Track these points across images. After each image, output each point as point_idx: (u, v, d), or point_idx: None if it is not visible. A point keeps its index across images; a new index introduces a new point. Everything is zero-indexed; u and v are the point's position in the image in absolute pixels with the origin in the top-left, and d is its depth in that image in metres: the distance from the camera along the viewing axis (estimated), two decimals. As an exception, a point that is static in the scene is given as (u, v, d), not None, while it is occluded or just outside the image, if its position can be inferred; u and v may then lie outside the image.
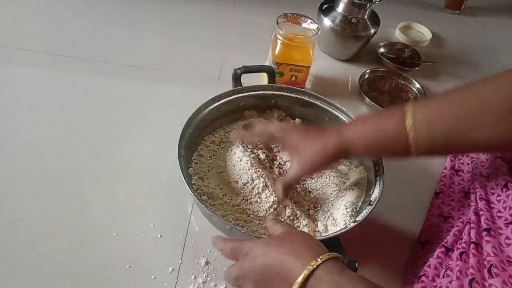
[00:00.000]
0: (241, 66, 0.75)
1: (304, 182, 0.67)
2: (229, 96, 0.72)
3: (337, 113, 0.72)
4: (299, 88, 0.74)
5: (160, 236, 0.63)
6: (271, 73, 0.76)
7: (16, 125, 0.74)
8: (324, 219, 0.62)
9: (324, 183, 0.67)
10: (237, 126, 0.74)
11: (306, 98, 0.74)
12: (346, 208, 0.62)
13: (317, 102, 0.73)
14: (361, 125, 0.56)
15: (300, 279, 0.40)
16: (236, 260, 0.48)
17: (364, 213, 0.57)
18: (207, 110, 0.69)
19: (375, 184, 0.62)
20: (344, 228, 0.56)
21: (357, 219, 0.57)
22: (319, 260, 0.41)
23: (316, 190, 0.66)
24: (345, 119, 0.71)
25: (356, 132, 0.56)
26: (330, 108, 0.73)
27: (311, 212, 0.63)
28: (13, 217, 0.62)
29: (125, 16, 1.04)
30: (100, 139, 0.74)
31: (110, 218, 0.64)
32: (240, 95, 0.73)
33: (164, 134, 0.77)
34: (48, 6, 1.02)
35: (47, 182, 0.67)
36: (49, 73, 0.85)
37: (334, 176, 0.68)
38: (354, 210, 0.62)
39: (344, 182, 0.67)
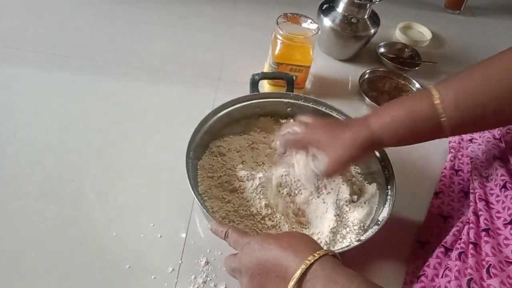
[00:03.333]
0: (259, 72, 0.75)
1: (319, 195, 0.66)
2: (245, 101, 0.71)
3: None
4: (317, 98, 0.73)
5: (160, 236, 0.63)
6: (290, 81, 0.75)
7: (16, 125, 0.75)
8: (330, 233, 0.61)
9: (336, 197, 0.65)
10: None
11: (323, 109, 0.73)
12: (353, 226, 0.61)
13: (334, 114, 0.72)
14: (389, 112, 0.55)
15: (298, 273, 0.40)
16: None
17: (369, 233, 0.57)
18: (221, 113, 0.69)
19: (385, 204, 0.61)
20: (347, 246, 0.55)
21: (362, 238, 0.56)
22: (316, 255, 0.41)
23: (329, 203, 0.65)
24: None
25: (385, 120, 0.54)
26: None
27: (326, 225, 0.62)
28: (13, 217, 0.62)
29: (125, 16, 1.04)
30: (100, 139, 0.75)
31: (110, 218, 0.64)
32: (257, 100, 0.72)
33: (164, 134, 0.77)
34: (48, 6, 1.02)
35: (47, 182, 0.67)
36: (49, 73, 0.85)
37: (347, 192, 0.66)
38: (362, 228, 0.61)
39: (355, 200, 0.66)
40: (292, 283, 0.40)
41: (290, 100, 0.73)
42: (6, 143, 0.71)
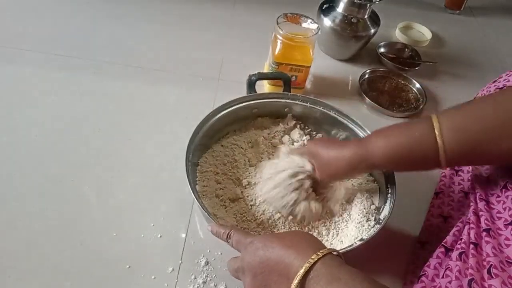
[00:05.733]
0: (256, 72, 0.74)
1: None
2: (242, 102, 0.71)
3: (351, 126, 0.70)
4: (314, 98, 0.73)
5: (160, 236, 0.63)
6: (287, 81, 0.75)
7: (16, 125, 0.75)
8: (333, 234, 0.61)
9: (338, 196, 0.65)
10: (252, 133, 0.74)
11: (321, 109, 0.72)
12: (356, 224, 0.61)
13: (332, 113, 0.72)
14: (387, 136, 0.55)
15: (301, 272, 0.40)
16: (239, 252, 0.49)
17: (371, 232, 0.57)
18: (219, 115, 0.69)
19: (385, 203, 0.61)
20: (350, 246, 0.55)
21: (364, 237, 0.56)
22: (319, 254, 0.41)
23: (331, 202, 0.65)
24: (360, 132, 0.69)
25: (381, 143, 0.55)
26: (345, 120, 0.71)
27: (322, 227, 0.62)
28: (13, 217, 0.62)
29: (125, 16, 1.04)
30: (100, 139, 0.74)
31: (110, 218, 0.64)
32: (254, 101, 0.72)
33: (164, 134, 0.77)
34: (48, 6, 1.02)
35: (47, 182, 0.67)
36: (49, 73, 0.85)
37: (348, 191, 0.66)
38: (363, 226, 0.61)
39: (356, 200, 0.66)
40: (295, 281, 0.40)
41: (287, 100, 0.73)
42: (6, 143, 0.71)
